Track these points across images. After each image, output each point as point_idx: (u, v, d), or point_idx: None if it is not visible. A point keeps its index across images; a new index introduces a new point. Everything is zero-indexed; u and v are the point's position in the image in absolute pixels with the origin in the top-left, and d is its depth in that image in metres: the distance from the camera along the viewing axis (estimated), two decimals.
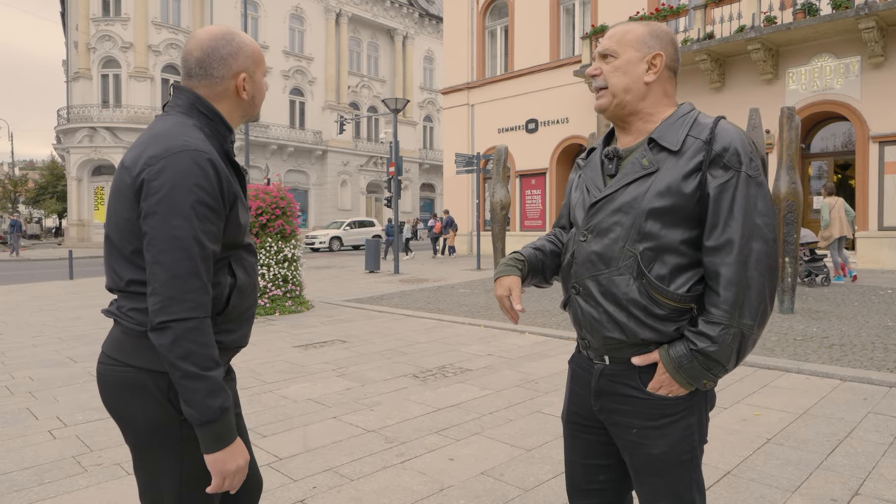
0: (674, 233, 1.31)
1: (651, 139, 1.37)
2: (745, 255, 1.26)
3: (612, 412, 1.41)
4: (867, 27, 12.33)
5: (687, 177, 1.30)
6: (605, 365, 1.42)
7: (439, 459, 3.13)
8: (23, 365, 5.42)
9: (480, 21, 21.59)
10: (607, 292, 1.37)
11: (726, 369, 1.31)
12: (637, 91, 1.39)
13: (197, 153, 1.25)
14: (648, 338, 1.33)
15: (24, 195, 47.27)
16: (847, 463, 3.01)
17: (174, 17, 30.69)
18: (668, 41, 1.41)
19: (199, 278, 1.23)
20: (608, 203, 1.38)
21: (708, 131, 1.31)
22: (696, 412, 1.38)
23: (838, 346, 5.56)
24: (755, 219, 1.27)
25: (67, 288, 12.46)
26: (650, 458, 1.38)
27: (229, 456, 1.27)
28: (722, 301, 1.27)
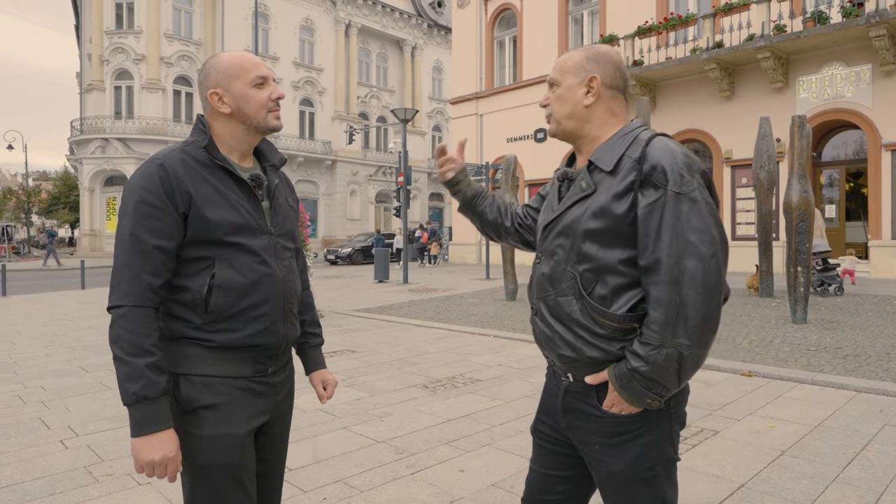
0: (612, 253, 1.33)
1: (590, 161, 1.39)
2: (674, 274, 1.25)
3: (576, 429, 1.44)
4: (878, 35, 12.28)
5: (619, 197, 1.31)
6: (570, 382, 1.44)
7: (450, 471, 3.11)
8: (35, 374, 5.45)
9: (489, 31, 21.70)
10: (555, 313, 1.41)
11: (667, 388, 1.29)
12: (579, 115, 1.43)
13: (152, 162, 1.41)
14: (596, 357, 1.35)
15: (38, 205, 47.83)
16: (864, 476, 2.96)
17: (186, 29, 31.06)
18: (605, 62, 1.43)
19: (132, 269, 1.34)
20: (555, 225, 1.43)
21: (640, 150, 1.32)
22: (657, 430, 1.37)
23: (853, 356, 5.49)
24: (687, 236, 1.25)
25: (79, 298, 12.57)
26: (610, 475, 1.39)
27: (146, 445, 1.32)
28: (652, 321, 1.27)
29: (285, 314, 1.52)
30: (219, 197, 1.42)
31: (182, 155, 1.42)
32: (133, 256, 1.34)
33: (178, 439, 1.37)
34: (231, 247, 1.42)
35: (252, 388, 1.46)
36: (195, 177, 1.40)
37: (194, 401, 1.39)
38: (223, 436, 1.40)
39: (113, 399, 4.53)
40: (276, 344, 1.50)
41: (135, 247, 1.34)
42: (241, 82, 1.47)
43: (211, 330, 1.40)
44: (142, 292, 1.33)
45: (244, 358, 1.45)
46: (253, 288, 1.44)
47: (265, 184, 1.54)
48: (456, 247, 22.81)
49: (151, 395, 1.30)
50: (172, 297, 1.41)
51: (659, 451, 1.38)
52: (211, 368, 1.41)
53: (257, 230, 1.47)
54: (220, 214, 1.41)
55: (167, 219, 1.36)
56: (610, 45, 13.15)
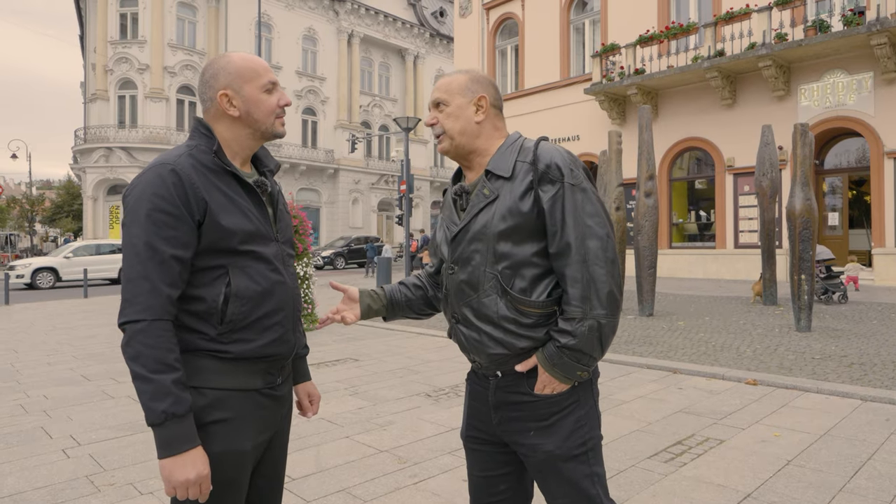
0: (524, 248, 1.45)
1: (487, 170, 1.51)
2: (582, 253, 1.40)
3: (509, 421, 1.52)
4: (879, 43, 12.30)
5: (522, 197, 1.44)
6: (499, 378, 1.53)
7: (453, 480, 3.09)
8: (38, 383, 5.45)
9: (491, 41, 21.80)
10: (481, 315, 1.49)
11: (593, 358, 1.43)
12: (471, 131, 1.55)
13: (162, 166, 1.34)
14: (526, 346, 1.46)
15: (41, 214, 47.99)
16: (871, 486, 2.94)
17: (189, 39, 31.27)
18: (487, 83, 1.58)
19: (149, 281, 1.28)
20: (464, 234, 1.52)
21: (532, 154, 1.46)
22: (585, 405, 1.50)
23: (858, 365, 5.46)
24: (585, 220, 1.41)
25: (82, 306, 12.57)
26: (547, 455, 1.47)
27: (177, 465, 1.26)
28: (571, 298, 1.41)
29: (295, 322, 1.51)
30: (230, 203, 1.38)
31: (191, 160, 1.37)
32: (149, 267, 1.28)
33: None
34: (245, 255, 1.39)
35: (261, 403, 1.43)
36: (206, 182, 1.36)
37: (205, 415, 1.34)
38: (231, 452, 1.37)
39: (114, 408, 4.52)
40: (288, 353, 1.48)
41: (151, 257, 1.28)
42: (252, 86, 1.44)
43: (226, 341, 1.35)
44: (161, 305, 1.28)
45: (257, 369, 1.42)
46: (267, 296, 1.41)
47: (269, 190, 1.51)
48: None
49: (179, 412, 1.25)
50: (185, 308, 1.35)
51: (588, 425, 1.50)
52: (224, 381, 1.37)
53: (267, 237, 1.45)
54: (234, 222, 1.37)
55: (183, 227, 1.31)
56: (606, 52, 13.03)
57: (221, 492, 1.37)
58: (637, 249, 9.12)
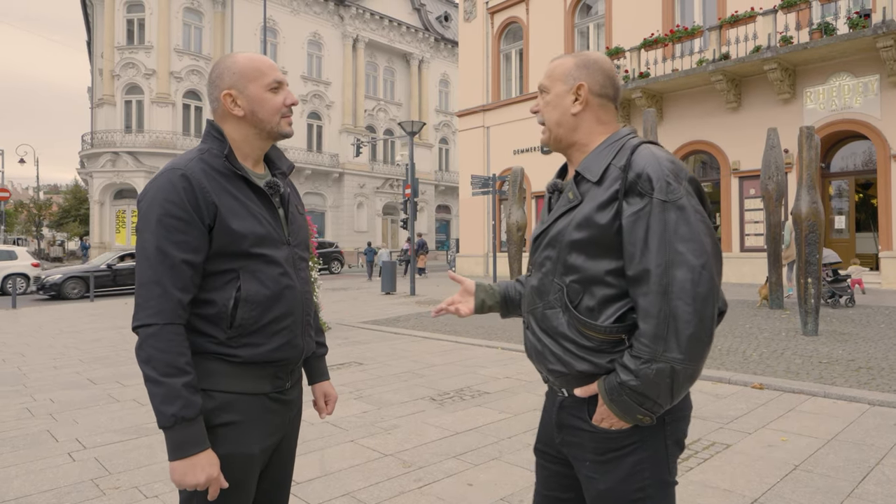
0: (598, 264, 1.29)
1: (577, 171, 1.36)
2: (663, 284, 1.20)
3: (570, 445, 1.39)
4: (885, 46, 12.26)
5: (603, 207, 1.27)
6: (564, 397, 1.40)
7: (457, 485, 3.08)
8: (44, 387, 5.47)
9: (495, 45, 21.83)
10: (544, 326, 1.37)
11: (659, 404, 1.23)
12: (567, 123, 1.40)
13: (172, 171, 1.35)
14: (585, 370, 1.31)
15: (48, 219, 48.27)
16: (879, 491, 2.91)
17: (196, 44, 31.45)
18: (595, 69, 1.39)
19: (161, 285, 1.29)
20: (543, 238, 1.40)
21: (625, 158, 1.29)
22: (650, 448, 1.31)
23: (865, 369, 5.42)
24: (676, 246, 1.20)
25: (88, 310, 12.63)
26: (598, 493, 1.33)
27: (188, 468, 1.27)
28: (642, 334, 1.22)
29: (304, 327, 1.51)
30: (241, 207, 1.38)
31: (202, 164, 1.37)
32: (161, 272, 1.29)
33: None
34: (256, 258, 1.39)
35: (269, 407, 1.43)
36: (217, 187, 1.36)
37: (214, 418, 1.34)
38: (238, 455, 1.37)
39: (120, 411, 4.54)
40: (297, 357, 1.48)
41: (162, 261, 1.29)
42: (256, 85, 1.43)
43: (235, 345, 1.36)
44: (172, 309, 1.29)
45: (265, 373, 1.42)
46: (276, 300, 1.41)
47: (280, 191, 1.50)
48: (463, 259, 22.80)
49: (190, 415, 1.26)
50: (196, 311, 1.36)
51: (651, 471, 1.31)
52: (233, 385, 1.37)
53: (278, 241, 1.44)
54: (244, 226, 1.37)
55: (193, 231, 1.32)
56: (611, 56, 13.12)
57: (229, 494, 1.37)
58: None
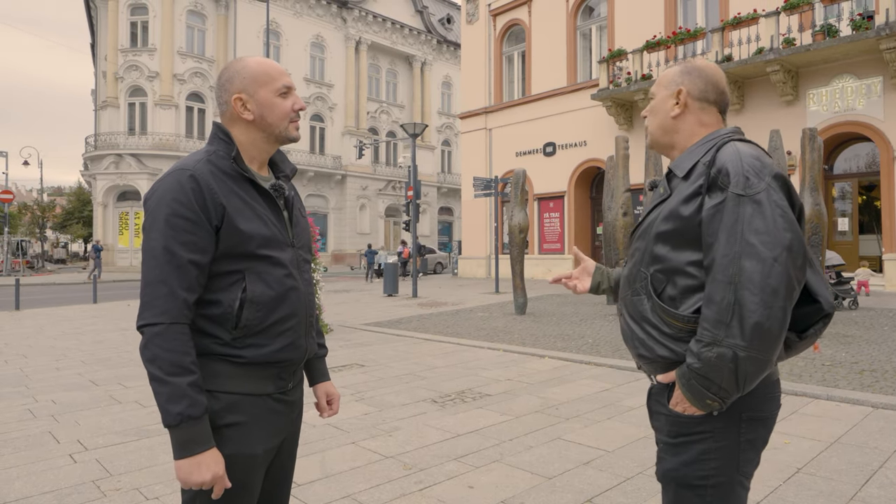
0: (681, 255, 1.36)
1: (668, 168, 1.46)
2: (729, 274, 1.25)
3: (656, 429, 1.49)
4: (889, 47, 12.23)
5: (687, 200, 1.35)
6: (654, 385, 1.49)
7: (458, 487, 3.07)
8: (46, 388, 5.48)
9: (498, 47, 21.85)
10: (632, 311, 1.47)
11: (725, 390, 1.27)
12: (668, 127, 1.49)
13: (181, 172, 1.35)
14: (665, 355, 1.38)
15: (52, 220, 48.42)
16: (882, 494, 2.90)
17: (199, 46, 31.54)
18: (695, 75, 1.48)
19: (167, 285, 1.30)
20: (637, 230, 1.51)
21: (711, 155, 1.36)
22: (721, 440, 1.35)
23: (869, 371, 5.40)
24: (747, 237, 1.25)
25: (91, 311, 12.65)
26: (662, 472, 1.43)
27: (193, 466, 1.27)
28: (704, 319, 1.28)
29: (307, 328, 1.51)
30: (248, 209, 1.39)
31: (209, 166, 1.38)
32: (167, 271, 1.29)
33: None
34: (262, 260, 1.39)
35: (272, 408, 1.44)
36: (224, 188, 1.37)
37: (218, 419, 1.35)
38: (242, 456, 1.38)
39: (122, 413, 4.54)
40: (300, 358, 1.49)
41: (169, 261, 1.30)
42: (267, 90, 1.44)
43: (240, 346, 1.37)
44: (178, 309, 1.29)
45: (269, 374, 1.42)
46: (281, 302, 1.42)
47: (285, 194, 1.52)
48: (465, 261, 22.80)
49: (195, 414, 1.26)
50: (201, 312, 1.36)
51: (718, 462, 1.35)
52: (237, 385, 1.38)
53: (283, 242, 1.45)
54: (251, 227, 1.38)
55: (201, 232, 1.32)
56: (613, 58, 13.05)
57: (233, 495, 1.37)
58: None
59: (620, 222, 9.56)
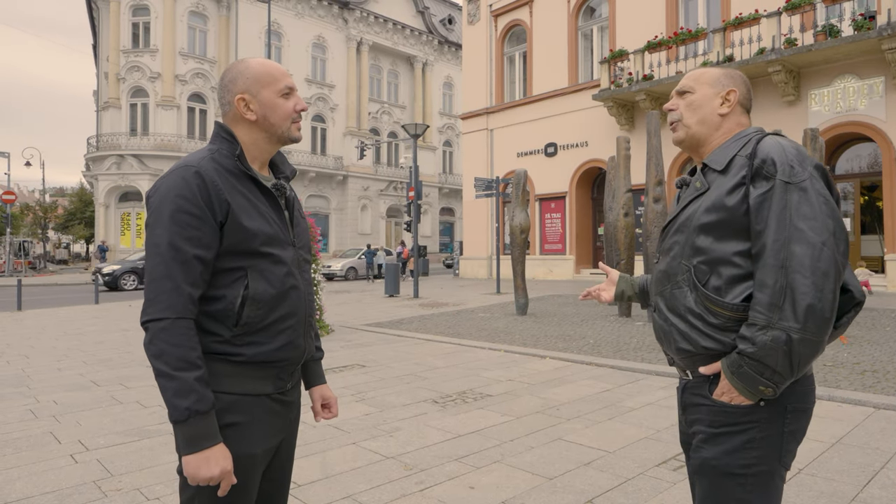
0: (726, 246, 1.38)
1: (703, 163, 1.49)
2: (780, 258, 1.28)
3: (692, 423, 1.48)
4: (891, 48, 12.21)
5: (731, 191, 1.38)
6: (689, 379, 1.49)
7: (459, 487, 3.07)
8: (48, 389, 5.48)
9: (499, 47, 21.85)
10: (671, 306, 1.48)
11: (779, 374, 1.29)
12: (711, 122, 1.52)
13: (185, 168, 1.36)
14: (711, 347, 1.39)
15: (54, 221, 48.49)
16: (884, 495, 2.89)
17: (200, 47, 31.59)
18: (741, 82, 1.54)
19: (172, 280, 1.30)
20: (672, 226, 1.52)
21: (751, 147, 1.40)
22: (765, 431, 1.37)
23: (871, 372, 5.39)
24: (796, 223, 1.29)
25: (93, 312, 12.67)
26: (702, 461, 1.41)
27: (202, 462, 1.27)
28: (757, 303, 1.30)
29: (306, 327, 1.52)
30: (251, 207, 1.40)
31: (213, 163, 1.39)
32: (172, 267, 1.29)
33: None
34: (264, 258, 1.40)
35: (271, 408, 1.44)
36: (228, 185, 1.38)
37: (217, 419, 1.34)
38: (241, 456, 1.37)
39: (123, 413, 4.54)
40: (299, 358, 1.49)
41: (174, 257, 1.30)
42: (270, 90, 1.46)
43: (240, 343, 1.37)
44: (183, 304, 1.29)
45: (267, 374, 1.43)
46: (282, 300, 1.42)
47: (286, 194, 1.53)
48: (467, 261, 22.80)
49: (203, 409, 1.26)
50: (202, 308, 1.36)
51: (761, 451, 1.36)
52: (236, 385, 1.38)
53: (285, 241, 1.46)
54: (255, 224, 1.39)
55: (205, 228, 1.33)
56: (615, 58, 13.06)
57: (232, 495, 1.37)
58: (646, 255, 9.07)
59: (622, 223, 9.55)
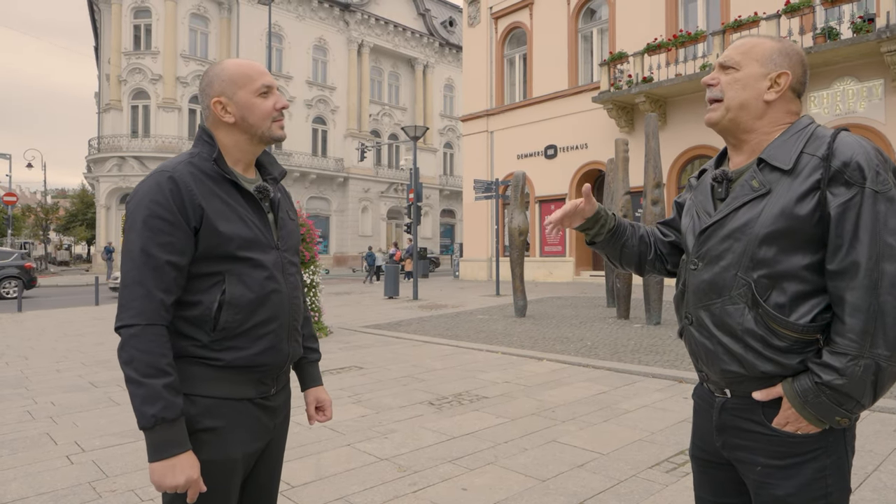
0: (793, 258, 1.22)
1: (760, 159, 1.29)
2: (874, 278, 1.14)
3: (735, 448, 1.33)
4: (890, 50, 12.22)
5: (802, 198, 1.21)
6: (727, 398, 1.34)
7: (452, 489, 3.08)
8: (46, 390, 5.50)
9: (499, 50, 21.89)
10: (721, 323, 1.29)
11: (861, 405, 1.18)
12: (754, 109, 1.32)
13: (161, 174, 1.36)
14: (770, 371, 1.24)
15: (55, 223, 48.58)
16: (876, 498, 2.90)
17: (202, 49, 31.68)
18: (797, 61, 1.33)
19: (144, 286, 1.30)
20: (718, 229, 1.32)
21: (825, 146, 1.22)
22: (833, 454, 1.26)
23: None
24: (886, 238, 1.15)
25: (93, 314, 12.69)
26: (775, 499, 1.27)
27: (167, 469, 1.26)
28: (848, 329, 1.16)
29: (290, 332, 1.50)
30: (229, 211, 1.39)
31: (190, 167, 1.38)
32: (144, 273, 1.29)
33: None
34: (242, 262, 1.39)
35: (253, 413, 1.43)
36: (205, 190, 1.37)
37: (196, 423, 1.34)
38: (220, 461, 1.37)
39: (120, 415, 4.56)
40: (281, 363, 1.47)
41: (146, 263, 1.29)
42: (245, 91, 1.44)
43: (218, 348, 1.36)
44: (155, 310, 1.29)
45: (249, 378, 1.41)
46: (261, 304, 1.40)
47: (270, 196, 1.50)
48: (467, 263, 22.81)
49: (170, 416, 1.26)
50: (179, 313, 1.35)
51: (834, 477, 1.26)
52: (215, 389, 1.37)
53: (266, 245, 1.44)
54: (231, 229, 1.37)
55: (179, 233, 1.32)
56: (614, 60, 13.02)
57: (210, 499, 1.37)
58: None
59: None
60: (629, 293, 9.67)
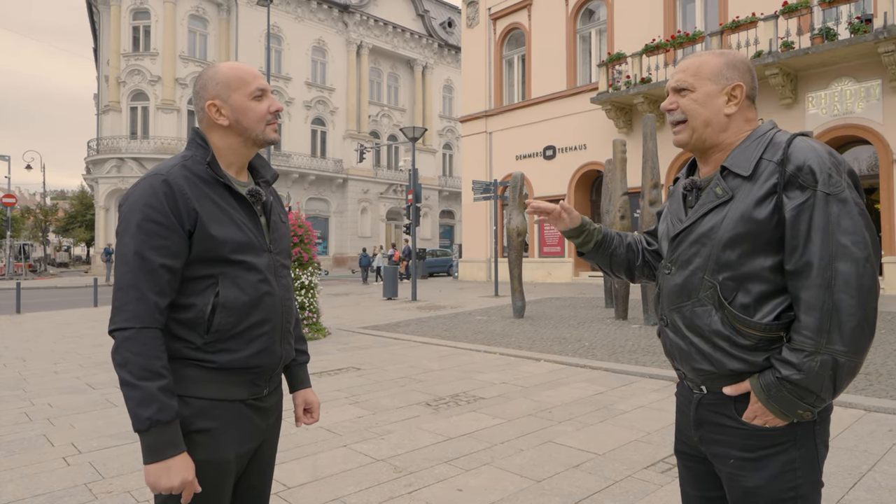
0: (755, 260, 1.28)
1: (723, 167, 1.35)
2: (826, 277, 1.20)
3: (710, 442, 1.39)
4: (887, 50, 12.24)
5: (761, 202, 1.27)
6: (703, 394, 1.40)
7: (447, 490, 3.09)
8: (43, 391, 5.50)
9: (498, 51, 21.91)
10: (691, 324, 1.36)
11: (821, 398, 1.23)
12: (717, 124, 1.37)
13: (154, 177, 1.36)
14: (737, 368, 1.30)
15: (54, 224, 48.59)
16: (869, 498, 2.90)
17: (200, 51, 31.69)
18: (745, 70, 1.39)
19: (138, 289, 1.30)
20: (687, 235, 1.38)
21: (781, 152, 1.28)
22: (802, 447, 1.31)
23: (863, 374, 5.40)
24: (839, 239, 1.20)
25: (91, 315, 12.69)
26: (745, 491, 1.32)
27: (162, 471, 1.27)
28: (804, 327, 1.22)
29: (283, 334, 1.50)
30: (222, 214, 1.39)
31: (184, 170, 1.38)
32: (139, 276, 1.29)
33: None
34: (236, 265, 1.39)
35: (246, 414, 1.43)
36: (198, 193, 1.37)
37: (189, 424, 1.35)
38: (213, 461, 1.37)
39: (117, 416, 4.56)
40: (274, 365, 1.48)
41: (140, 266, 1.30)
42: (240, 94, 1.44)
43: (212, 350, 1.36)
44: (149, 313, 1.29)
45: (242, 380, 1.42)
46: (255, 307, 1.41)
47: (263, 199, 1.51)
48: (466, 264, 22.82)
49: (165, 419, 1.26)
50: (173, 316, 1.36)
51: (803, 470, 1.31)
52: (208, 391, 1.37)
53: (259, 248, 1.45)
54: (225, 232, 1.38)
55: (173, 236, 1.32)
56: (612, 61, 13.03)
57: (203, 500, 1.37)
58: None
59: (618, 226, 9.57)
60: (627, 294, 9.68)
